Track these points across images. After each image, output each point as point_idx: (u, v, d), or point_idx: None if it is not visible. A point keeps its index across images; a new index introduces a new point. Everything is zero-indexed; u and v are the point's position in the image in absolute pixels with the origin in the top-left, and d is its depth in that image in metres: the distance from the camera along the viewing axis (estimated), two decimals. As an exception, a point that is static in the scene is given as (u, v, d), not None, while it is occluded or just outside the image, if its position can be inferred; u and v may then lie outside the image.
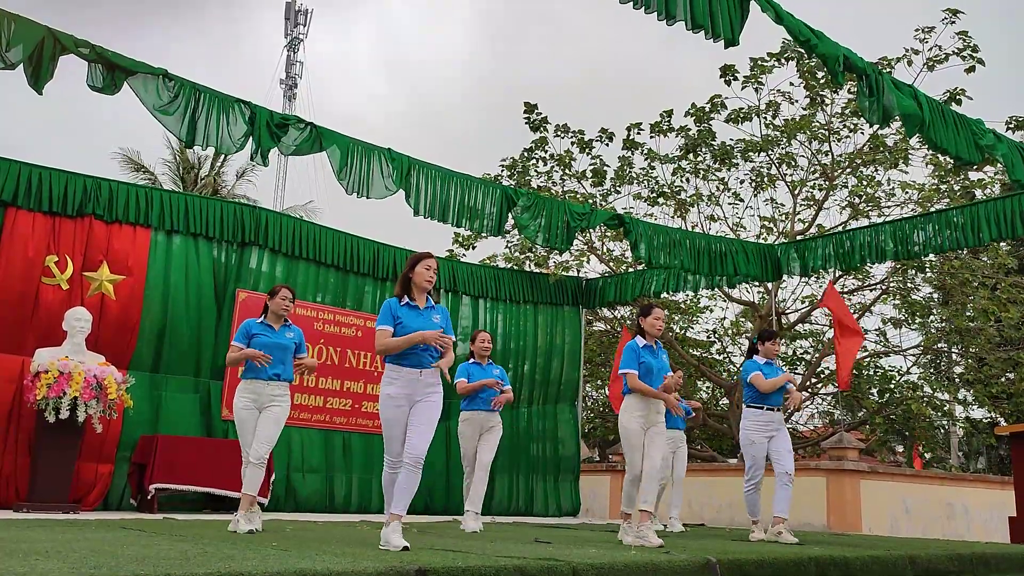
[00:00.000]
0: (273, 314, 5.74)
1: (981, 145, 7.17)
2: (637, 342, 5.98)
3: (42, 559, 2.80)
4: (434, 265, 4.71)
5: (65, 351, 7.42)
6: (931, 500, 10.95)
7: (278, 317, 5.75)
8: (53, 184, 8.15)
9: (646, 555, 4.06)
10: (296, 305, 9.56)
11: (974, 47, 12.03)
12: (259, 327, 5.68)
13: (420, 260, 4.69)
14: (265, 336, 5.63)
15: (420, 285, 4.65)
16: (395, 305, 4.62)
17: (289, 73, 32.36)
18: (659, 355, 5.99)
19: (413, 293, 4.67)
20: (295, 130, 7.93)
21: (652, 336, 6.00)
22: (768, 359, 6.96)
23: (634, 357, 5.87)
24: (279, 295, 5.75)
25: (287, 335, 5.73)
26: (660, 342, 6.13)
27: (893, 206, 13.41)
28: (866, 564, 4.79)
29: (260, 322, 5.73)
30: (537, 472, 11.60)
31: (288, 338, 5.73)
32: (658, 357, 5.96)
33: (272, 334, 5.66)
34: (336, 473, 9.75)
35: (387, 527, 4.24)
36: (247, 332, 5.63)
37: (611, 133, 14.21)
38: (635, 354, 5.88)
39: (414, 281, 4.66)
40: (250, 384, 5.57)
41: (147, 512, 7.58)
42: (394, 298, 4.67)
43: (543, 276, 12.31)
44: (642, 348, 5.93)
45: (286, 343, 5.70)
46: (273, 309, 5.74)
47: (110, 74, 6.66)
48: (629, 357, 5.89)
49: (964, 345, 14.42)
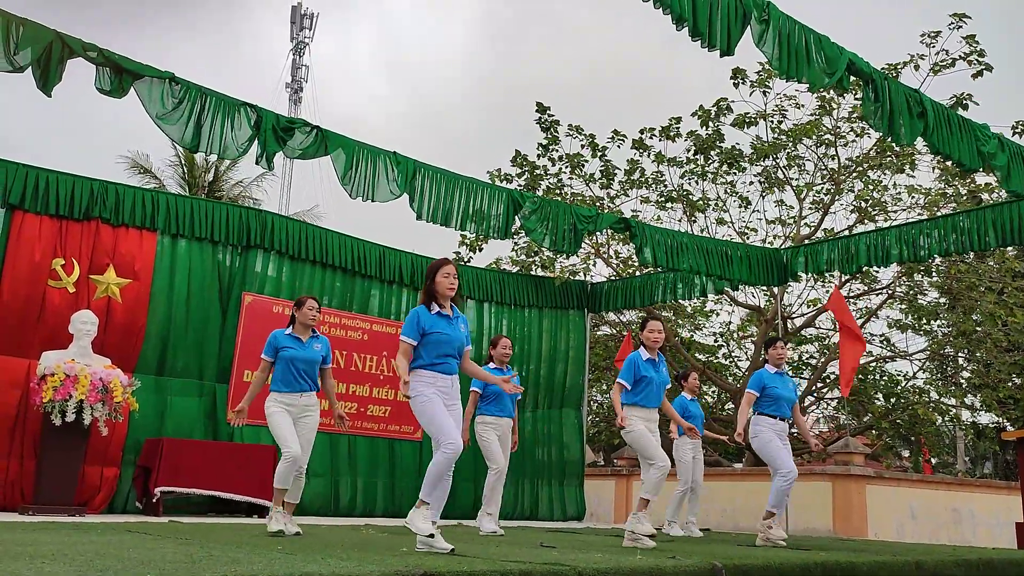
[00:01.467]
0: (301, 325, 5.74)
1: (983, 152, 7.17)
2: (641, 355, 6.09)
3: (48, 562, 2.80)
4: (453, 271, 4.79)
5: (71, 354, 7.44)
6: (937, 505, 10.90)
7: (305, 328, 5.75)
8: (60, 187, 8.18)
9: (651, 559, 4.05)
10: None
11: (980, 52, 12.00)
12: (287, 339, 5.67)
13: (439, 268, 4.78)
14: (293, 349, 5.63)
15: (443, 293, 4.74)
16: (424, 314, 4.69)
17: (295, 77, 32.44)
18: (660, 368, 6.11)
19: (439, 301, 4.75)
20: (301, 134, 7.94)
21: (651, 349, 6.12)
22: (777, 367, 6.96)
23: (631, 371, 6.00)
24: (306, 306, 5.75)
25: (315, 347, 5.75)
26: (662, 354, 6.27)
27: (900, 210, 13.38)
28: (872, 569, 4.76)
29: (288, 334, 5.71)
30: (542, 476, 11.59)
31: (316, 350, 5.74)
32: (659, 371, 6.09)
33: (300, 347, 5.66)
34: (341, 477, 9.75)
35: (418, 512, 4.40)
36: (275, 345, 5.64)
37: (623, 135, 14.18)
38: (633, 368, 6.01)
39: (437, 290, 4.74)
40: (283, 396, 5.59)
41: (152, 515, 7.59)
42: (422, 307, 4.74)
43: (548, 280, 12.31)
44: (644, 362, 6.05)
45: (315, 356, 5.72)
46: (300, 320, 5.74)
47: (118, 77, 6.69)
48: (626, 370, 6.03)
49: (971, 349, 14.36)
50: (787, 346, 7.16)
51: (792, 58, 6.08)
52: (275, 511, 5.45)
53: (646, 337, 6.11)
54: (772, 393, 6.82)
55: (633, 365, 6.02)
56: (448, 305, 4.77)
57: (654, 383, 5.99)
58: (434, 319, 4.68)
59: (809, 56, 6.17)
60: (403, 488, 10.00)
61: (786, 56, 6.05)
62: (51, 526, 5.31)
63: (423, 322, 4.65)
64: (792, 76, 6.18)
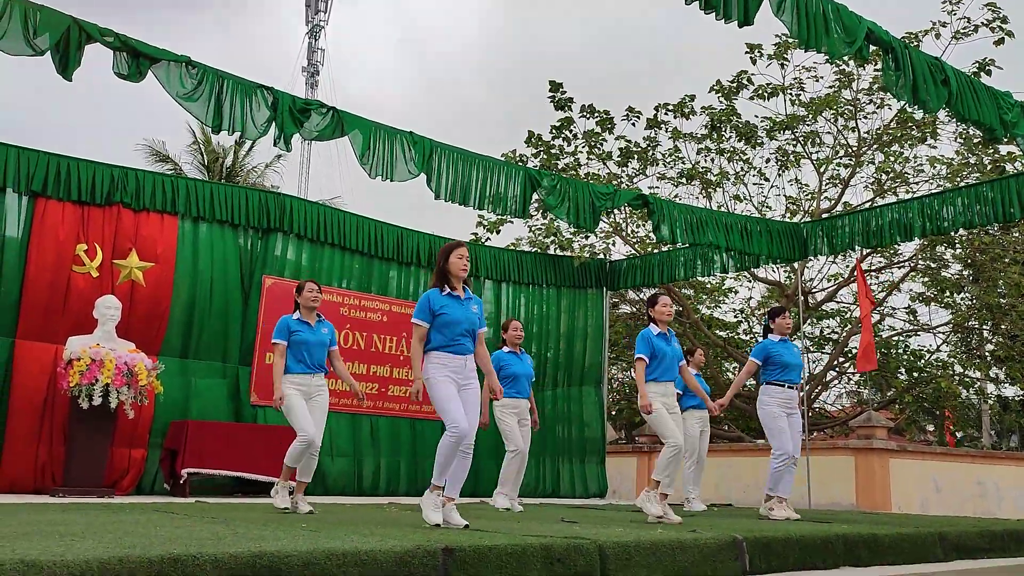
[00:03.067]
0: (305, 308, 5.94)
1: (1006, 120, 7.06)
2: (652, 330, 6.14)
3: (78, 539, 2.86)
4: (466, 254, 4.86)
5: (96, 339, 7.53)
6: (962, 478, 10.84)
7: (310, 311, 5.95)
8: (81, 174, 8.26)
9: (672, 533, 4.07)
10: (322, 291, 9.68)
11: (1003, 18, 11.80)
12: (297, 324, 5.87)
13: (453, 250, 4.84)
14: (304, 333, 5.84)
15: (456, 275, 4.80)
16: (435, 297, 4.75)
17: (311, 60, 32.43)
18: (672, 342, 6.16)
19: (452, 282, 4.79)
20: (317, 115, 7.94)
21: (663, 323, 6.17)
22: (782, 336, 6.96)
23: (647, 345, 6.04)
24: (306, 289, 5.98)
25: (323, 331, 5.96)
26: (672, 329, 6.36)
27: (921, 182, 13.22)
28: (895, 541, 4.76)
29: (296, 319, 5.91)
30: (563, 454, 11.63)
31: (324, 334, 5.96)
32: (671, 344, 6.13)
33: (310, 331, 5.87)
34: (364, 457, 9.84)
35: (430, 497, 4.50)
36: (287, 329, 5.82)
37: (638, 112, 14.08)
38: (648, 343, 6.05)
39: (450, 271, 4.79)
40: (296, 378, 5.79)
41: (180, 496, 7.70)
42: (434, 289, 4.80)
43: (566, 259, 12.29)
44: (656, 336, 6.08)
45: (324, 339, 5.94)
46: (303, 304, 5.95)
47: (135, 61, 6.73)
48: (642, 345, 6.07)
49: (995, 322, 14.21)
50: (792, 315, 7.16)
51: (811, 27, 6.00)
52: (280, 486, 5.71)
53: (658, 312, 6.15)
54: (779, 360, 6.81)
55: (648, 340, 6.05)
56: (460, 287, 4.81)
57: (667, 357, 6.03)
58: (445, 300, 4.74)
59: (828, 26, 6.08)
60: (425, 467, 10.06)
61: (805, 26, 5.97)
62: (81, 507, 5.41)
63: (434, 304, 4.72)
64: (812, 46, 6.10)
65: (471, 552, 3.06)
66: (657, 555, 3.61)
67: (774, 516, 6.46)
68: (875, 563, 4.56)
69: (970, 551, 5.15)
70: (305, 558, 2.66)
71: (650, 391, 5.96)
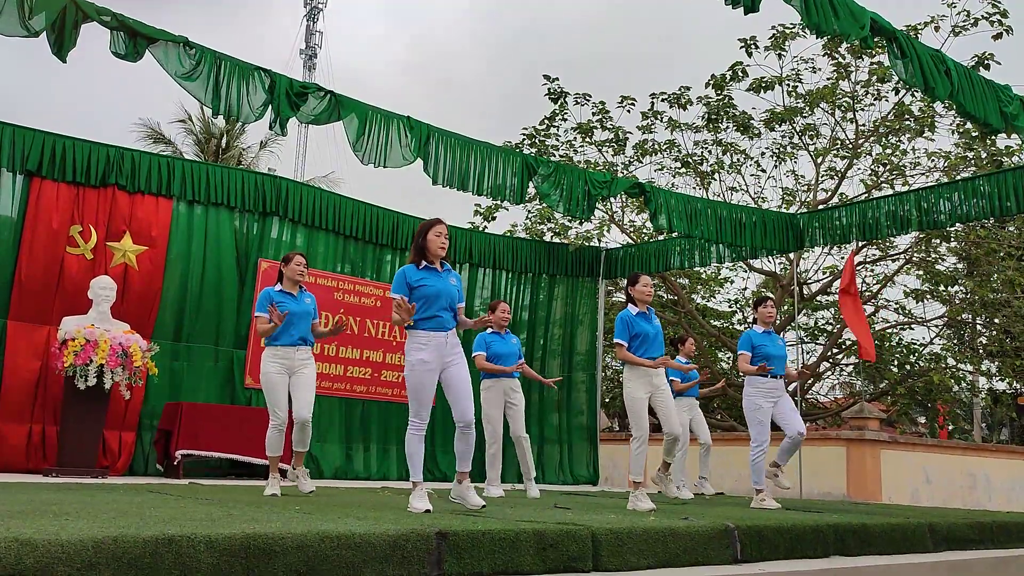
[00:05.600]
0: (289, 280, 5.79)
1: (1006, 113, 7.06)
2: (630, 311, 5.99)
3: (72, 519, 2.86)
4: (444, 231, 4.71)
5: (91, 319, 7.52)
6: (953, 470, 10.90)
7: (294, 283, 5.80)
8: (77, 154, 8.21)
9: (665, 521, 4.09)
10: (316, 275, 9.67)
11: (1003, 12, 11.79)
12: (279, 295, 5.72)
13: (431, 227, 4.69)
14: (287, 303, 5.67)
15: (434, 252, 4.65)
16: (411, 271, 4.64)
17: (308, 43, 32.24)
18: (652, 320, 6.03)
19: (429, 259, 4.68)
20: (314, 98, 7.90)
21: (643, 303, 6.03)
22: (766, 325, 6.96)
23: (625, 328, 5.89)
24: (294, 261, 5.82)
25: (306, 301, 5.81)
26: (652, 308, 6.19)
27: (918, 175, 13.23)
28: (885, 531, 4.79)
29: (279, 290, 5.77)
30: (556, 441, 11.67)
31: (307, 304, 5.80)
32: (652, 322, 6.00)
33: (293, 301, 5.70)
34: (356, 441, 9.86)
35: (413, 492, 4.42)
36: (269, 299, 5.66)
37: (632, 99, 14.03)
38: (626, 325, 5.90)
39: (428, 248, 4.66)
40: (279, 350, 5.63)
41: (173, 477, 7.71)
42: (410, 265, 4.69)
43: (561, 247, 12.28)
44: (636, 316, 5.95)
45: (308, 309, 5.78)
46: (288, 275, 5.79)
47: (132, 41, 6.68)
48: (620, 328, 5.91)
49: (988, 316, 14.26)
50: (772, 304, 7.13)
51: (820, 11, 5.99)
52: (273, 478, 5.56)
53: (639, 291, 6.00)
54: (762, 352, 6.80)
55: (626, 322, 5.90)
56: (439, 263, 4.68)
57: (650, 336, 5.89)
58: (422, 273, 4.61)
59: (836, 10, 6.08)
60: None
61: (814, 9, 5.95)
62: (75, 487, 5.41)
63: (410, 277, 4.59)
64: (824, 30, 6.09)
65: (464, 536, 3.07)
66: (649, 542, 3.63)
67: (767, 507, 6.47)
68: (865, 553, 4.58)
69: (959, 542, 5.18)
70: (299, 540, 2.66)
71: (631, 376, 5.85)
